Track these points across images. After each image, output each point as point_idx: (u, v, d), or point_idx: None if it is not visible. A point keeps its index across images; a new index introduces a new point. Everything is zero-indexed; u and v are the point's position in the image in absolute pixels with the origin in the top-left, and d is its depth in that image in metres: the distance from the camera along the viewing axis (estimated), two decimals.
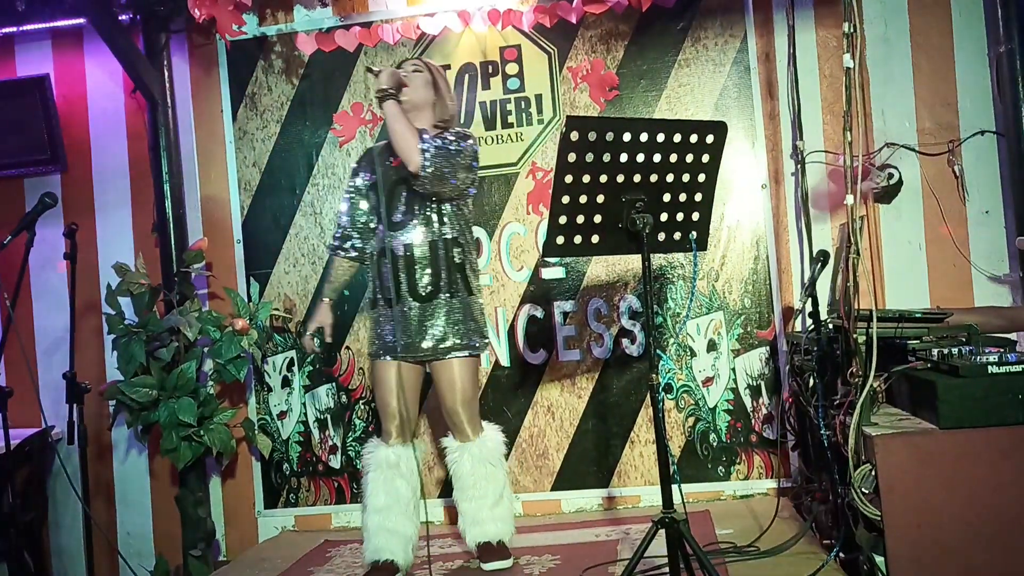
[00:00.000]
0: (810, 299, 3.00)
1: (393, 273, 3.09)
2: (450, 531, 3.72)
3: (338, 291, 3.38)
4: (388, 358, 3.13)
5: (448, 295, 3.10)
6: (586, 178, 2.51)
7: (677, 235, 2.69)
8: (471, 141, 3.12)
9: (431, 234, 3.10)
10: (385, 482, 3.12)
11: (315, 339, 3.34)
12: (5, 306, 2.97)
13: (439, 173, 3.00)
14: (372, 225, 3.25)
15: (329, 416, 4.05)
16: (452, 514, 3.67)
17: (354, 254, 3.30)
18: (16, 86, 4.20)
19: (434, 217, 3.10)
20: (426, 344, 3.09)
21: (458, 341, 3.10)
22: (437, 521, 3.91)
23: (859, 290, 2.67)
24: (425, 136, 3.02)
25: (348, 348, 4.03)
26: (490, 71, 3.97)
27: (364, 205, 3.27)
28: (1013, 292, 3.64)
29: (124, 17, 4.02)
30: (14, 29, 4.18)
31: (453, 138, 3.08)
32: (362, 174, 3.29)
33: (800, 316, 3.68)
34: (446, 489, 3.84)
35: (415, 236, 3.09)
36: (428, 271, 3.09)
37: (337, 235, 3.32)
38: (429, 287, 3.09)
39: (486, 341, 3.22)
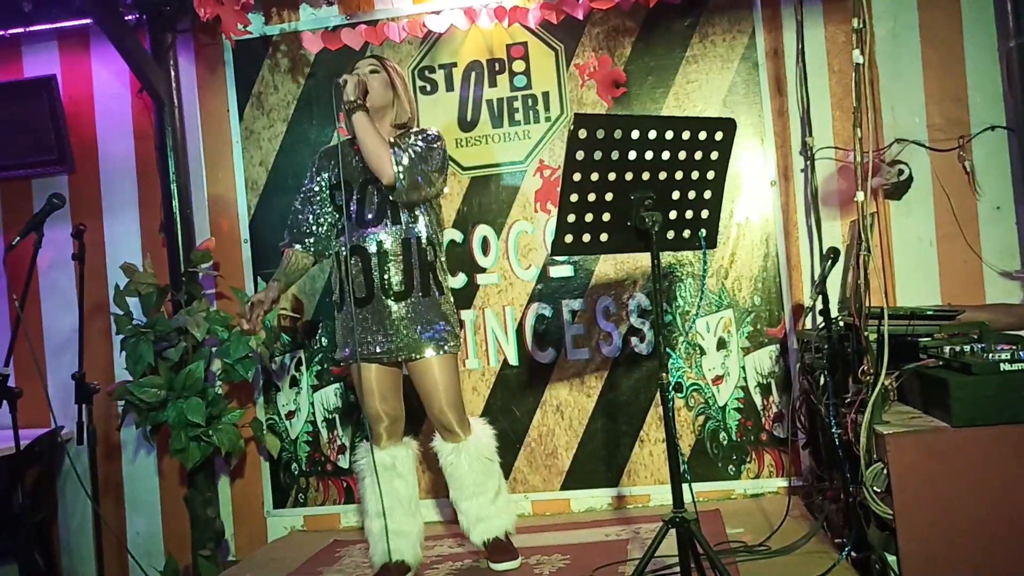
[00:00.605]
0: (820, 296, 2.99)
1: (365, 272, 3.05)
2: (449, 531, 3.71)
3: (291, 283, 3.26)
4: (362, 361, 3.08)
5: (421, 294, 3.06)
6: (594, 176, 2.50)
7: (686, 233, 2.68)
8: (441, 141, 3.08)
9: (403, 232, 3.05)
10: (383, 484, 3.10)
11: (258, 315, 3.11)
12: (14, 307, 2.97)
13: (414, 182, 2.96)
14: (337, 223, 3.15)
15: (337, 416, 4.04)
16: (451, 513, 3.65)
17: (313, 250, 3.21)
18: (23, 87, 4.20)
19: (406, 216, 3.06)
20: (401, 344, 3.04)
21: (435, 340, 3.05)
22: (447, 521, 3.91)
23: (870, 287, 2.66)
24: (397, 146, 2.97)
25: None
26: (496, 69, 3.96)
27: (328, 204, 3.18)
28: None
29: (130, 17, 4.02)
30: (21, 30, 4.19)
31: (423, 143, 3.02)
32: (325, 171, 3.20)
33: (810, 314, 3.66)
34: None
35: (387, 234, 3.04)
36: (401, 269, 3.04)
37: (294, 230, 3.20)
38: (402, 285, 3.04)
39: (460, 341, 3.17)
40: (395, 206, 3.05)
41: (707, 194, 2.66)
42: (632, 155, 2.51)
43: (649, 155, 2.53)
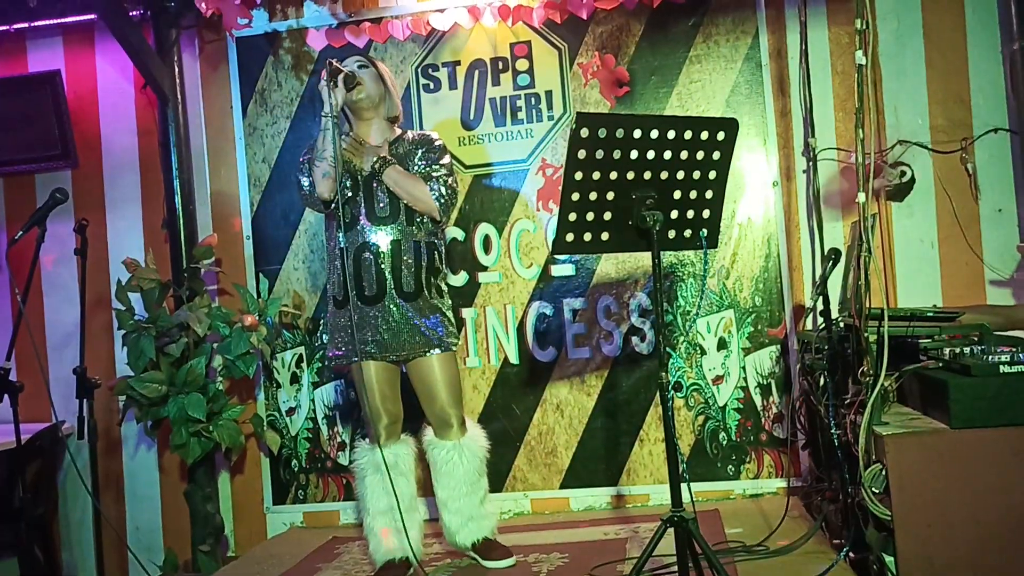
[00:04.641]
0: (821, 297, 2.99)
1: (377, 269, 3.05)
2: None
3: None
4: (365, 359, 3.08)
5: (427, 294, 3.09)
6: (596, 175, 2.50)
7: (687, 232, 2.68)
8: (445, 146, 3.18)
9: (413, 232, 3.08)
10: (385, 483, 3.10)
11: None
12: (16, 301, 2.98)
13: (451, 204, 3.11)
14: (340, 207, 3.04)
15: (337, 413, 4.05)
16: None
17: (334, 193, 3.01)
18: (28, 82, 4.22)
19: (417, 216, 3.09)
20: (410, 342, 3.06)
21: (437, 337, 3.08)
22: None
23: (870, 288, 2.66)
24: (429, 182, 3.05)
25: None
26: (500, 67, 3.96)
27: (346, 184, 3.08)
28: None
29: (134, 13, 4.02)
30: (26, 25, 4.19)
31: (441, 165, 3.10)
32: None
33: (811, 314, 3.67)
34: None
35: (400, 233, 3.06)
36: (412, 269, 3.06)
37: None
38: (412, 286, 3.06)
39: (459, 339, 3.23)
40: (405, 206, 3.07)
41: (709, 194, 2.67)
42: (634, 154, 2.51)
43: (651, 154, 2.53)
